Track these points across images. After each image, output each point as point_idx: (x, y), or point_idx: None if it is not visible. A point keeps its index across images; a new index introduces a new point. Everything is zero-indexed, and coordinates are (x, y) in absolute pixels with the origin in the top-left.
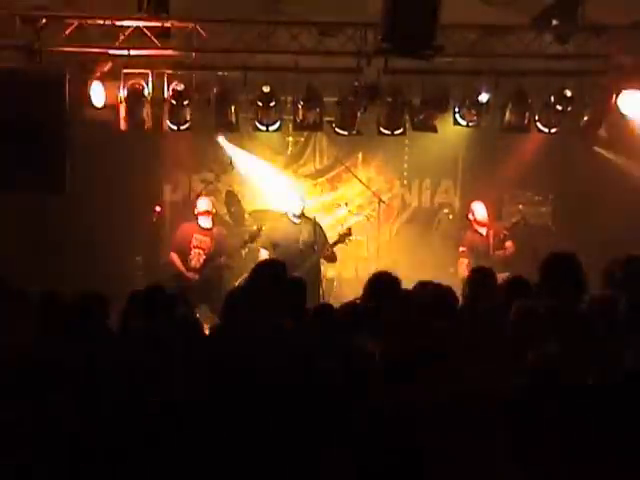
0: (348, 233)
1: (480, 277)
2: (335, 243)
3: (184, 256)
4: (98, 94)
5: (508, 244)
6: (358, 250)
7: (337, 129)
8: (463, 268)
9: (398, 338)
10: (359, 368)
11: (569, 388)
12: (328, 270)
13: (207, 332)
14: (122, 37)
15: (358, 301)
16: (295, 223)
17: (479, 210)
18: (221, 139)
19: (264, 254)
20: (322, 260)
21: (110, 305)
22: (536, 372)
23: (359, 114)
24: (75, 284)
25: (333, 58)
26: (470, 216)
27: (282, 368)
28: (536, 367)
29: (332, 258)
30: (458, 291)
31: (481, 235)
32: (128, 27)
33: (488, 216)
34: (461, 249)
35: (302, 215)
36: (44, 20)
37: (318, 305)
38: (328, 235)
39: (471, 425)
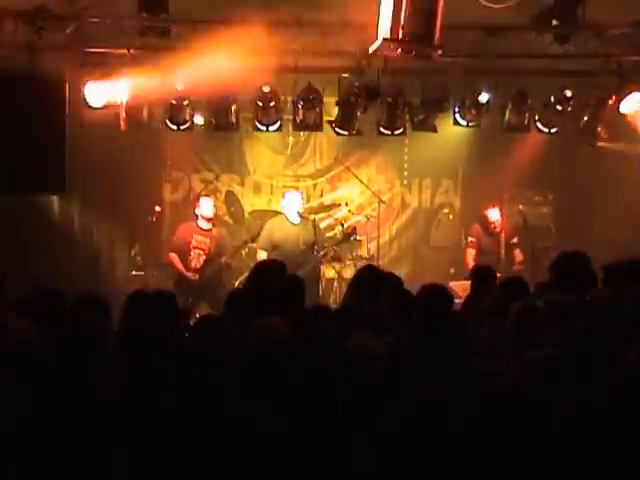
0: (353, 232)
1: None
2: (339, 243)
3: (184, 257)
4: (95, 94)
5: (518, 257)
6: (358, 250)
7: (337, 129)
8: (470, 259)
9: None
10: (361, 368)
11: None
12: (328, 270)
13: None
14: (122, 37)
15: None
16: (294, 224)
17: (493, 216)
18: None
19: (263, 256)
20: (328, 259)
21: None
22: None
23: (359, 114)
24: (75, 284)
25: (333, 58)
26: (484, 222)
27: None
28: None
29: (338, 258)
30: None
31: (491, 235)
32: (128, 27)
33: (499, 223)
34: (470, 239)
35: (301, 216)
36: (44, 20)
37: (316, 305)
38: (329, 235)
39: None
